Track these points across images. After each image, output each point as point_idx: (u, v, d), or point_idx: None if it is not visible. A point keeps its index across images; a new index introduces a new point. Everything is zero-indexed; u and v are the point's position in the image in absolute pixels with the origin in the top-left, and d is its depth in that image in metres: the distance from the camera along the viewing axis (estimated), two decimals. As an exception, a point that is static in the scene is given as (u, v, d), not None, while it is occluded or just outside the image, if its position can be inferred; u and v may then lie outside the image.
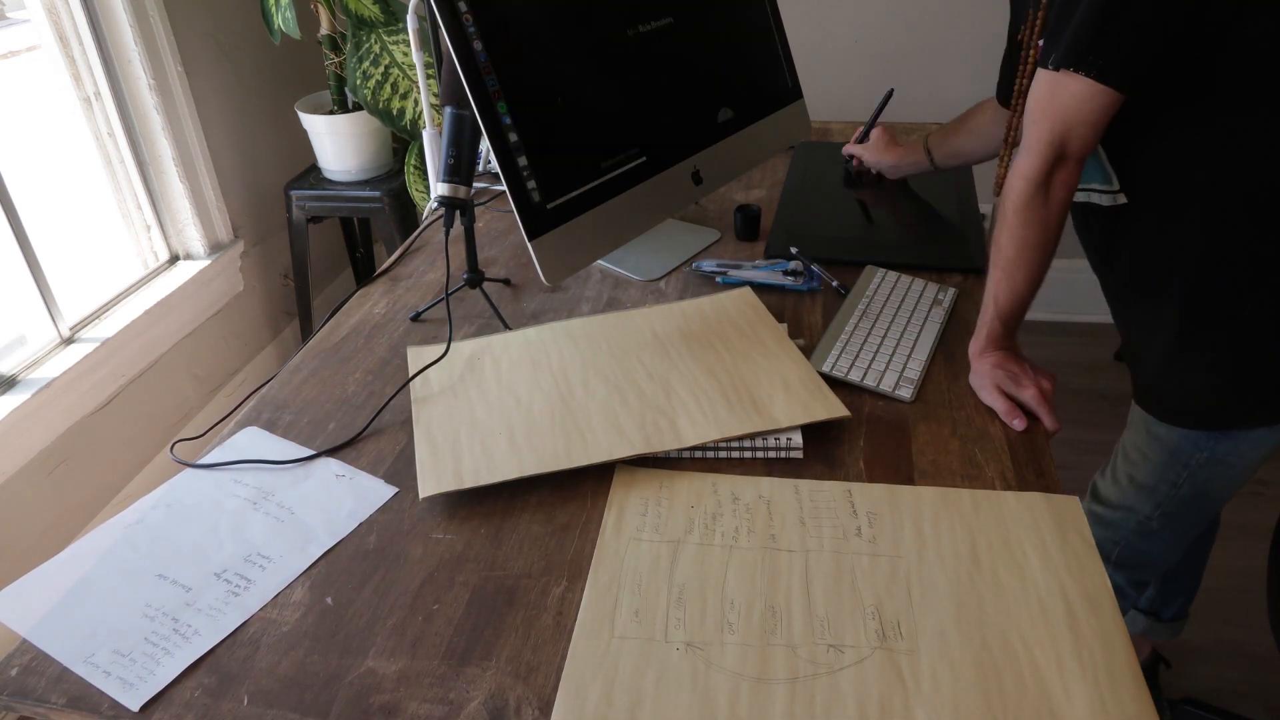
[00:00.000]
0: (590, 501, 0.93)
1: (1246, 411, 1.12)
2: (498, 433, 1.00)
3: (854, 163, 1.61)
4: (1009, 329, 1.08)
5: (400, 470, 0.99)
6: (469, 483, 0.93)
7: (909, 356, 1.11)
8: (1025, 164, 0.99)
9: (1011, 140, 1.21)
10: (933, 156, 1.49)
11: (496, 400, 1.05)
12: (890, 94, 1.60)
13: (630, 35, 1.25)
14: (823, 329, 1.20)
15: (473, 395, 1.06)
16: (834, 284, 1.29)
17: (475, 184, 1.57)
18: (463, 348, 1.16)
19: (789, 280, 1.29)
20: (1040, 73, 0.97)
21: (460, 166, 1.16)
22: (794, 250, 1.36)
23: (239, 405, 1.11)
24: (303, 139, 2.45)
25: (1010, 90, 1.22)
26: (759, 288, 1.29)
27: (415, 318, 1.27)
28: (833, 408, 1.00)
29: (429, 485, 0.93)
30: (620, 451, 0.96)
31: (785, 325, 1.19)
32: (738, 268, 1.33)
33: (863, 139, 1.61)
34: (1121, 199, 1.08)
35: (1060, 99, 0.94)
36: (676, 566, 0.84)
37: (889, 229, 1.45)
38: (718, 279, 1.32)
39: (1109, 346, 2.54)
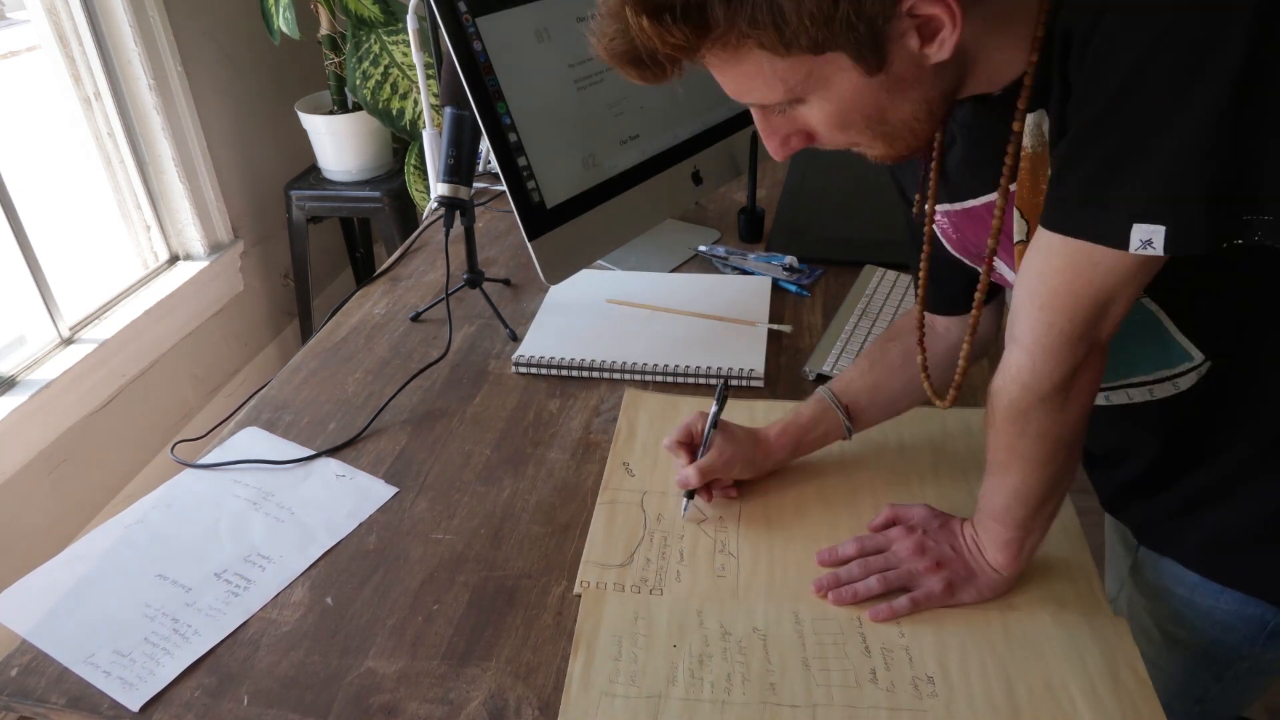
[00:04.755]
0: (590, 501, 0.93)
1: None
2: (680, 536, 0.87)
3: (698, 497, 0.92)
4: (1013, 531, 0.78)
5: (400, 470, 0.99)
6: (629, 592, 0.82)
7: (909, 356, 1.11)
8: (1027, 365, 0.69)
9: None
10: (851, 414, 0.94)
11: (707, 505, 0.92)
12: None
13: (630, 35, 1.25)
14: (823, 329, 1.20)
15: (673, 472, 0.93)
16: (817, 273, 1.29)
17: (475, 184, 1.57)
18: (683, 404, 1.03)
19: (785, 276, 1.29)
20: (1044, 236, 0.65)
21: (460, 166, 1.16)
22: (789, 260, 1.36)
23: (239, 406, 1.11)
24: (303, 139, 2.45)
25: (945, 296, 0.87)
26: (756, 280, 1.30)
27: (415, 318, 1.27)
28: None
29: (590, 574, 0.84)
30: (797, 607, 0.80)
31: (790, 327, 1.19)
32: (742, 257, 1.35)
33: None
34: (1205, 368, 0.74)
35: (1090, 273, 0.63)
36: None
37: (889, 229, 1.45)
38: (718, 265, 1.32)
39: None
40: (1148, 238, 0.58)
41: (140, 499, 0.96)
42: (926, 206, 0.80)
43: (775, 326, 1.19)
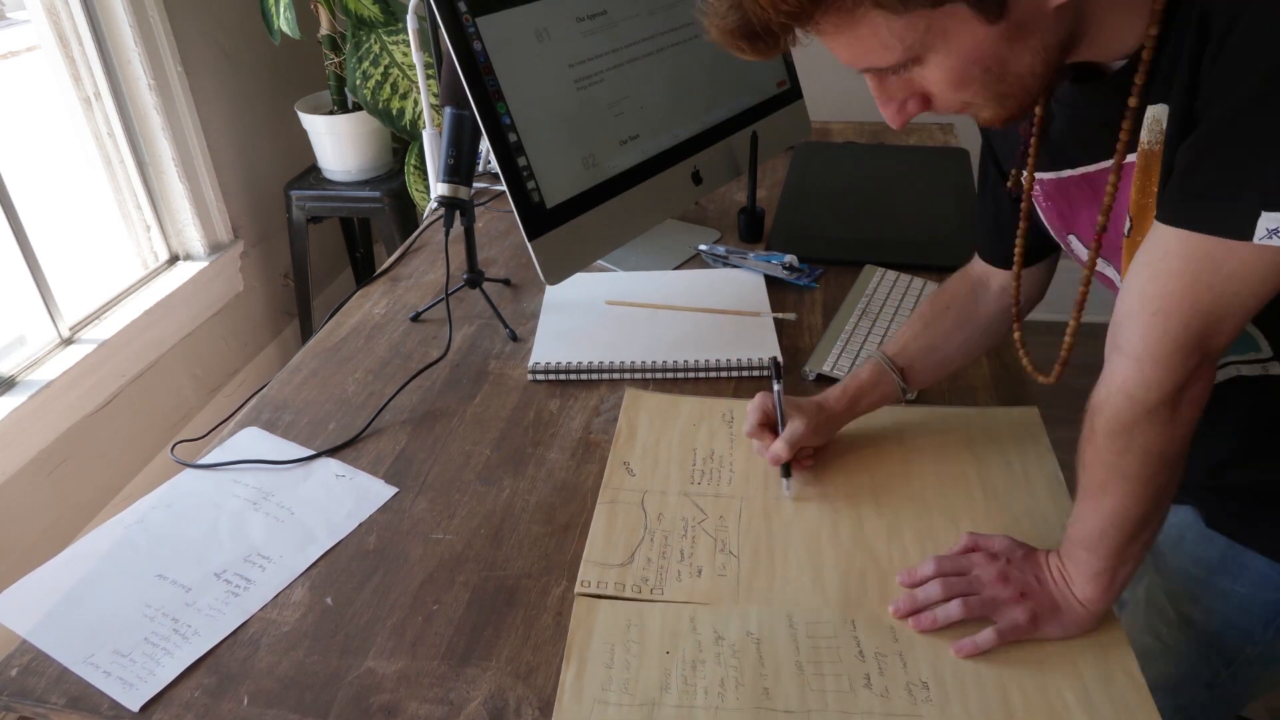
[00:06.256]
0: (590, 501, 0.93)
1: None
2: (680, 535, 0.88)
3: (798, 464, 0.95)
4: (1101, 560, 0.75)
5: (400, 470, 0.99)
6: (628, 594, 0.82)
7: (909, 356, 1.11)
8: (1134, 376, 0.67)
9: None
10: (906, 376, 0.96)
11: (695, 489, 0.94)
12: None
13: (631, 36, 1.25)
14: (823, 329, 1.20)
15: (673, 471, 0.96)
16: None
17: (475, 184, 1.57)
18: (684, 403, 1.05)
19: (785, 275, 1.29)
20: (1161, 236, 0.63)
21: (460, 166, 1.16)
22: (789, 260, 1.36)
23: (239, 406, 1.11)
24: (303, 139, 2.45)
25: (1008, 250, 0.86)
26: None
27: (415, 318, 1.27)
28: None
29: (591, 574, 0.84)
30: (803, 605, 0.80)
31: (794, 315, 1.19)
32: (743, 256, 1.35)
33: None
34: (1276, 368, 0.75)
35: (1211, 276, 0.61)
36: None
37: (889, 229, 1.45)
38: (718, 265, 1.32)
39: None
40: (1275, 226, 0.57)
41: (140, 499, 0.96)
42: (1025, 174, 0.81)
43: (780, 316, 1.20)
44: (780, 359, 0.96)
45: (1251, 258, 0.59)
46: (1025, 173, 0.80)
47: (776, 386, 0.94)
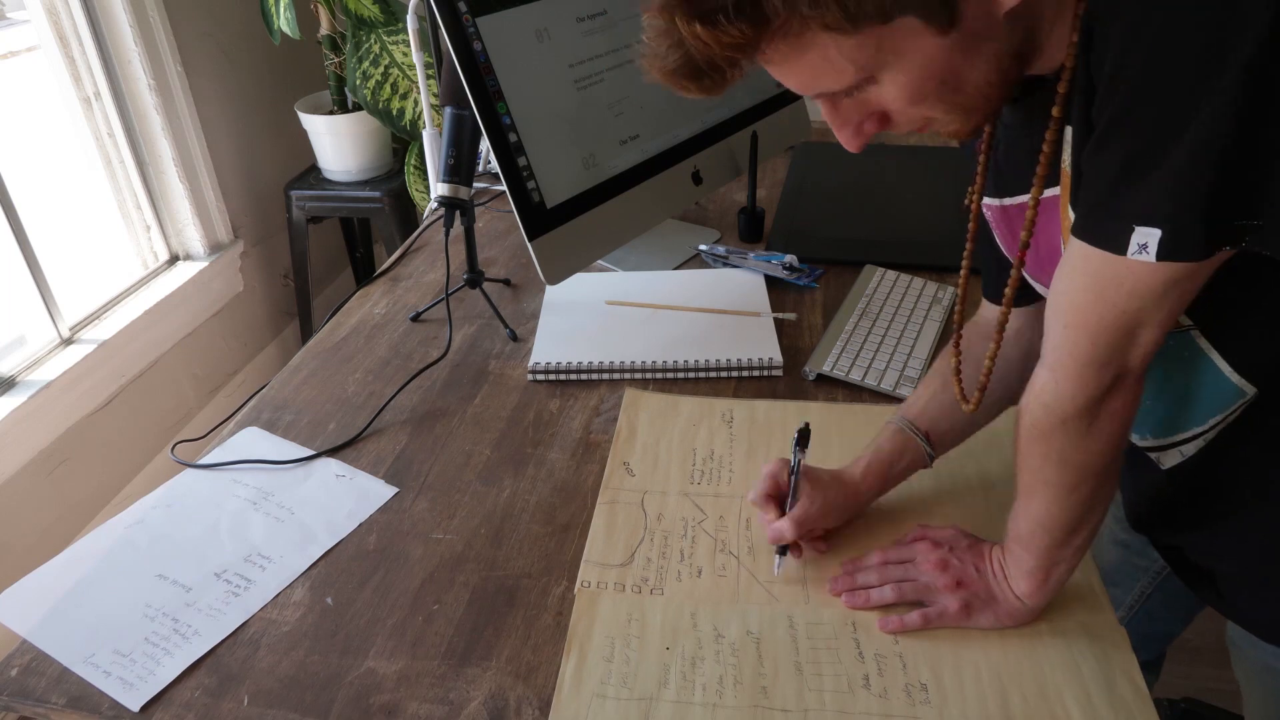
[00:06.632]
0: (590, 501, 0.93)
1: None
2: (680, 535, 0.88)
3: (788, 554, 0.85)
4: (1037, 560, 0.75)
5: (400, 470, 0.99)
6: (628, 594, 0.82)
7: (909, 355, 1.11)
8: (1050, 386, 0.66)
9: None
10: (931, 439, 0.88)
11: (695, 489, 0.94)
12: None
13: (631, 36, 1.25)
14: (823, 329, 1.20)
15: (673, 471, 0.96)
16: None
17: (475, 184, 1.57)
18: (683, 404, 1.06)
19: (785, 275, 1.29)
20: (1071, 248, 0.62)
21: (460, 166, 1.16)
22: (789, 260, 1.36)
23: (239, 406, 1.11)
24: (303, 139, 2.45)
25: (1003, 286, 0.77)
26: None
27: (415, 318, 1.27)
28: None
29: (591, 574, 0.84)
30: (804, 605, 0.80)
31: (794, 315, 1.20)
32: (743, 256, 1.35)
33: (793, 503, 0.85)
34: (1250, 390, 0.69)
35: (1114, 293, 0.60)
36: None
37: (889, 229, 1.45)
38: (718, 265, 1.32)
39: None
40: (1143, 241, 0.56)
41: (140, 499, 0.96)
42: (973, 199, 0.78)
43: (780, 316, 1.20)
44: (808, 427, 0.83)
45: (1144, 273, 0.57)
46: (974, 195, 0.78)
47: (796, 455, 0.84)
